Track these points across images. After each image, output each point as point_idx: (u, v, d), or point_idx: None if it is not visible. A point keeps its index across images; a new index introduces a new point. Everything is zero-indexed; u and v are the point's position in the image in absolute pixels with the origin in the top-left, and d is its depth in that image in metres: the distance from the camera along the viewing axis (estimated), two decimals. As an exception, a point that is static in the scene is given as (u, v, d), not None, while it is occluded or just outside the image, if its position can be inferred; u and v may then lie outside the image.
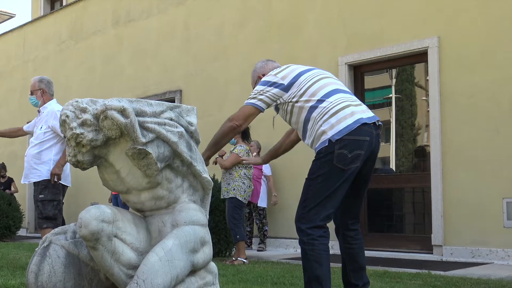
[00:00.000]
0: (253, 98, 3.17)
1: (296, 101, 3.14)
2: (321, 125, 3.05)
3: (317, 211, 3.01)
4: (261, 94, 3.16)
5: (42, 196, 5.23)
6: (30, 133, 5.67)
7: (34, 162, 5.30)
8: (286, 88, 3.16)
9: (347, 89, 3.26)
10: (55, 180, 5.23)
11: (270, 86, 3.17)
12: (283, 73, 3.20)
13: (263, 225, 8.21)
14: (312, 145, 3.14)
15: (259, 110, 3.18)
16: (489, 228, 6.32)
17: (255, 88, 3.23)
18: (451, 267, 5.87)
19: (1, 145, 13.75)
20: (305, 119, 3.14)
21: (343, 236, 3.27)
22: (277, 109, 3.32)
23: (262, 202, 8.14)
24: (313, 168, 3.08)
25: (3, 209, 10.08)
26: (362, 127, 3.02)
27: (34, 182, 5.36)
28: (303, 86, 3.14)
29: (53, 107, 5.41)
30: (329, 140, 3.00)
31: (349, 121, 3.01)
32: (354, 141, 2.99)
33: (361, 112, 3.09)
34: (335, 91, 3.14)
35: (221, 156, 6.72)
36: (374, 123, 3.11)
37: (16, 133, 5.90)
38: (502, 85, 6.36)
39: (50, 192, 5.23)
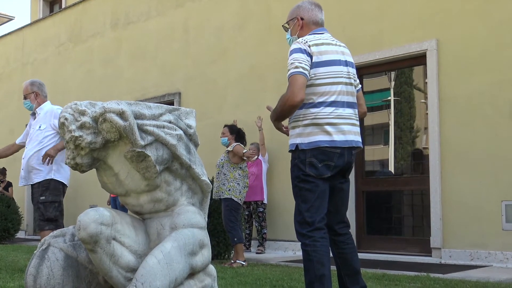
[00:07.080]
0: (297, 67, 3.06)
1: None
2: (299, 126, 3.12)
3: (313, 214, 3.06)
4: (302, 63, 3.07)
5: (43, 198, 5.14)
6: (23, 145, 5.54)
7: (35, 162, 5.19)
8: (312, 65, 3.11)
9: (353, 104, 3.21)
10: (47, 161, 5.06)
11: (306, 55, 3.10)
12: (317, 49, 3.14)
13: (262, 227, 8.19)
14: (288, 132, 3.26)
15: (307, 78, 3.08)
16: (488, 230, 6.32)
17: (293, 57, 3.11)
18: (450, 269, 5.87)
19: None
20: None
21: (333, 242, 3.26)
22: None
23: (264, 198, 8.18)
24: (292, 174, 3.18)
25: (2, 212, 10.08)
26: (333, 146, 3.07)
27: (32, 184, 5.29)
28: (316, 79, 3.11)
29: (52, 107, 5.41)
30: (297, 146, 3.11)
31: (324, 138, 3.06)
32: (323, 152, 3.06)
33: (342, 133, 3.09)
34: (337, 104, 3.12)
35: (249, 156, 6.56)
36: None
37: (10, 149, 5.69)
38: (500, 88, 6.37)
39: (51, 194, 5.16)
